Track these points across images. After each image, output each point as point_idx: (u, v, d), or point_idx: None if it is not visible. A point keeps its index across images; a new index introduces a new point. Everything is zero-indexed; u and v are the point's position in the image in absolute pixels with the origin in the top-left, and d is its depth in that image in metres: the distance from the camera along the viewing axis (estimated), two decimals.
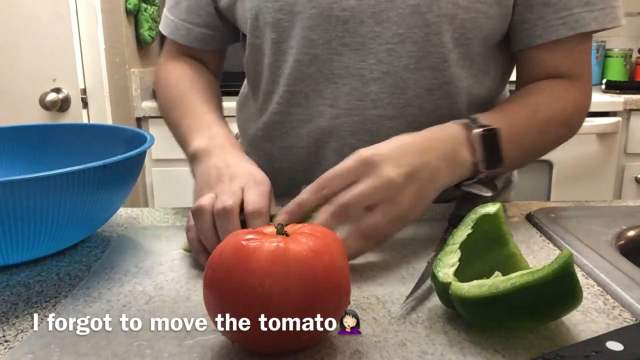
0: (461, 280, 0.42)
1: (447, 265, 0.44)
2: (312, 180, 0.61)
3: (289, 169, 0.78)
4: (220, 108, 0.78)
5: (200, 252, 0.55)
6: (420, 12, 0.66)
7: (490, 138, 0.60)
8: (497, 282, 0.39)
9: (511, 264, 0.47)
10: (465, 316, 0.42)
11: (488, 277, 0.42)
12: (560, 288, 0.38)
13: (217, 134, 0.67)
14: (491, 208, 0.47)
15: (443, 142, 0.59)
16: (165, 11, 0.83)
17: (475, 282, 0.41)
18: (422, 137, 0.58)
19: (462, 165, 0.59)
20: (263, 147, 0.80)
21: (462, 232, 0.46)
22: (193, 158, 0.65)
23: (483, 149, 0.59)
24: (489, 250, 0.47)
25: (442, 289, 0.43)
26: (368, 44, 0.68)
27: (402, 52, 0.68)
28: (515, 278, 0.39)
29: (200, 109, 0.73)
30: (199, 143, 0.65)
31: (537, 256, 0.56)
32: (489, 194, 0.61)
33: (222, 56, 0.87)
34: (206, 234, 0.53)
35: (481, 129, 0.60)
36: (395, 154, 0.54)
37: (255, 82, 0.80)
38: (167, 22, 0.82)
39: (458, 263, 0.44)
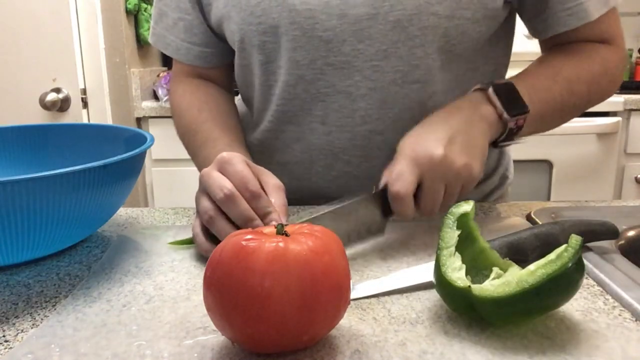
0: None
1: (455, 270, 0.43)
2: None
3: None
4: (234, 128, 0.78)
5: (206, 245, 0.55)
6: (402, 27, 0.65)
7: (505, 89, 0.63)
8: (522, 276, 0.39)
9: (483, 259, 0.47)
10: (491, 317, 0.41)
11: (469, 274, 0.42)
12: (578, 271, 0.39)
13: None
14: (467, 207, 0.47)
15: (463, 105, 0.63)
16: (161, 29, 0.80)
17: (496, 282, 0.40)
18: (443, 110, 0.63)
19: (488, 118, 0.62)
20: (261, 161, 0.80)
21: (452, 234, 0.46)
22: None
23: (500, 99, 0.62)
24: (463, 248, 0.46)
25: (456, 294, 0.42)
26: (352, 62, 0.68)
27: (387, 67, 0.68)
28: (538, 269, 0.39)
29: (212, 137, 0.73)
30: None
31: None
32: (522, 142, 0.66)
33: (228, 71, 0.85)
34: (244, 214, 0.53)
35: (493, 86, 0.64)
36: (427, 134, 0.59)
37: (248, 98, 0.80)
38: (168, 41, 0.80)
39: (464, 266, 0.43)
